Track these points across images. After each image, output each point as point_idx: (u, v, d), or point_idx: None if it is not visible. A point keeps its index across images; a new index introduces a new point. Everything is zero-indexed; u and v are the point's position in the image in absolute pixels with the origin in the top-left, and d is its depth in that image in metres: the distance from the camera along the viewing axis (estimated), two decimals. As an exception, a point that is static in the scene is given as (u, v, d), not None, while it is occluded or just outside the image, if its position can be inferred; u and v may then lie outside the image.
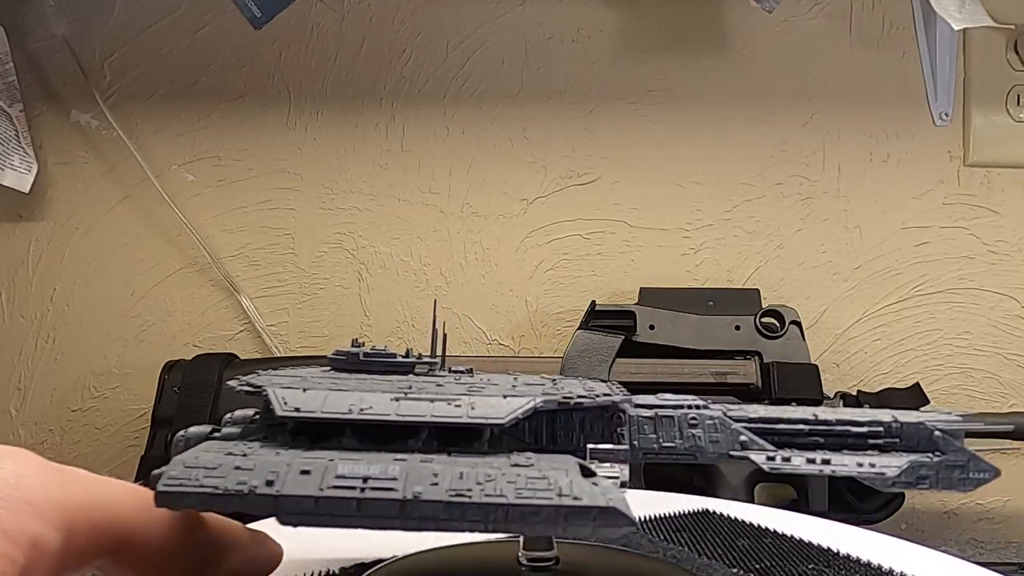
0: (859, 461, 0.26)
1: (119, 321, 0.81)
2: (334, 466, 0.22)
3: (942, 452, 0.27)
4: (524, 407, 0.24)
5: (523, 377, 0.30)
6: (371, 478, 0.22)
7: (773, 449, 0.27)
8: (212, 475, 0.23)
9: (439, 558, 0.32)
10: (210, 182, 0.81)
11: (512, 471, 0.22)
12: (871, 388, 0.74)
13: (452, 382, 0.28)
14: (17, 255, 0.81)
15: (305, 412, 0.25)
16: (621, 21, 0.81)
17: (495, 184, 0.81)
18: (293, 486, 0.22)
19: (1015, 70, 0.80)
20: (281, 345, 0.80)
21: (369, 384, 0.27)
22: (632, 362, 0.68)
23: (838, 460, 0.26)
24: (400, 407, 0.25)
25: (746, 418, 0.27)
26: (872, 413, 0.28)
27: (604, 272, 0.80)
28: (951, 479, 0.27)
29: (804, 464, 0.26)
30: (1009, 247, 0.79)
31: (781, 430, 0.27)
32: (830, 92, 0.81)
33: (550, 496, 0.20)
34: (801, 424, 0.27)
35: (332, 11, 0.82)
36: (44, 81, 0.81)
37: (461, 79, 0.81)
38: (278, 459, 0.23)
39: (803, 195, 0.81)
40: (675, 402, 0.28)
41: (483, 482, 0.21)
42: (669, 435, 0.28)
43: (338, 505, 0.22)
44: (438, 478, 0.22)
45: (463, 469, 0.22)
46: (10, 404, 0.80)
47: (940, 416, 0.27)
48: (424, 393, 0.26)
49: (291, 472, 0.22)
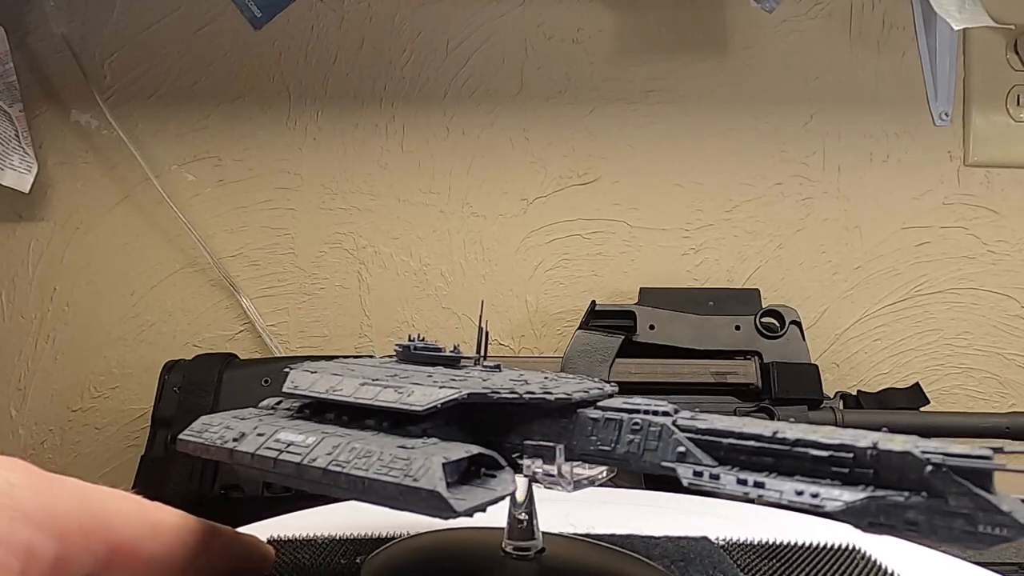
0: (800, 489, 0.22)
1: (119, 321, 0.81)
2: (277, 433, 0.27)
3: (940, 494, 0.21)
4: (446, 397, 0.26)
5: (529, 374, 0.32)
6: (293, 444, 0.27)
7: (711, 464, 0.24)
8: (209, 431, 0.29)
9: (427, 542, 0.33)
10: (210, 182, 0.81)
11: (394, 451, 0.25)
12: (871, 388, 0.74)
13: (468, 375, 0.30)
14: (17, 255, 0.81)
15: (298, 391, 0.30)
16: (621, 21, 0.81)
17: (495, 184, 0.81)
18: (245, 444, 0.27)
19: (1015, 70, 0.80)
20: (281, 345, 0.80)
21: (385, 371, 0.30)
22: (632, 362, 0.68)
23: (774, 485, 0.22)
24: (358, 391, 0.29)
25: (695, 428, 0.25)
26: (851, 435, 0.22)
27: (604, 272, 0.80)
28: (952, 530, 0.21)
29: (732, 485, 0.23)
30: (1009, 247, 0.79)
31: (728, 445, 0.24)
32: (830, 92, 0.81)
33: (398, 476, 0.24)
34: (752, 440, 0.24)
35: (332, 11, 0.82)
36: (44, 81, 0.81)
37: (461, 79, 0.81)
38: (255, 425, 0.28)
39: (803, 195, 0.81)
40: (632, 406, 0.27)
41: (362, 457, 0.25)
42: (607, 439, 0.27)
43: (264, 461, 0.27)
44: (336, 451, 0.26)
45: (361, 445, 0.26)
46: (10, 404, 0.80)
47: (955, 450, 0.21)
48: (395, 381, 0.29)
49: (251, 434, 0.28)
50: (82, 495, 0.21)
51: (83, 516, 0.21)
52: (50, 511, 0.20)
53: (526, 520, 0.30)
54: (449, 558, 0.32)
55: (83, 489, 0.21)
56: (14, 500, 0.19)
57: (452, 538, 0.33)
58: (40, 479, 0.20)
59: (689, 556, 0.36)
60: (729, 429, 0.24)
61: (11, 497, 0.19)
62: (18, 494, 0.19)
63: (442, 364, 0.33)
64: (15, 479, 0.20)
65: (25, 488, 0.20)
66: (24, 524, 0.19)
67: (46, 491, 0.20)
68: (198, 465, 0.63)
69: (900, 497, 0.21)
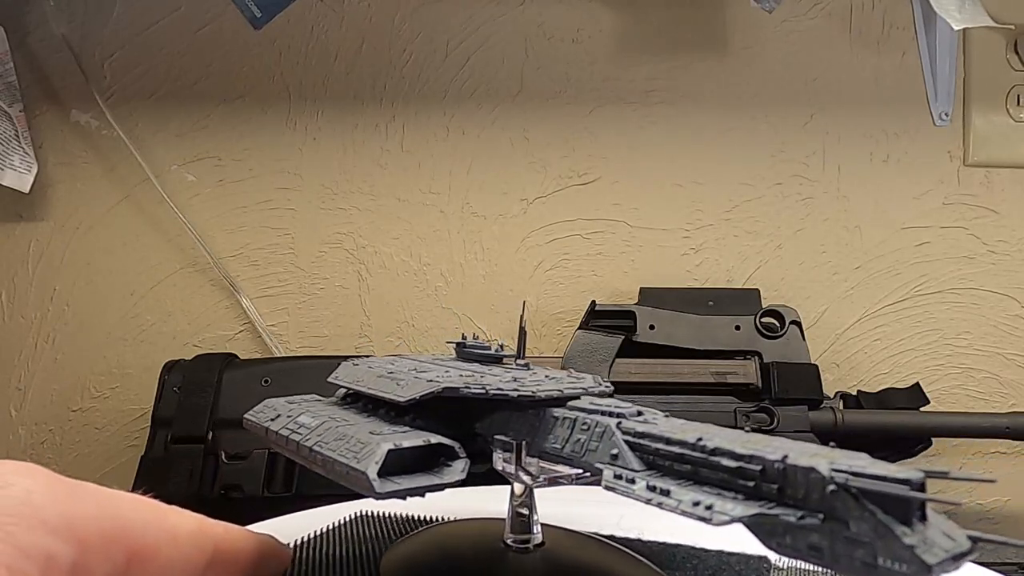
0: (698, 499, 0.21)
1: (119, 321, 0.80)
2: (299, 416, 0.32)
3: (842, 517, 0.19)
4: (423, 391, 0.29)
5: (547, 371, 0.34)
6: (302, 426, 0.31)
7: (635, 468, 0.24)
8: (263, 412, 0.34)
9: (440, 533, 0.36)
10: (210, 182, 0.81)
11: (365, 437, 0.27)
12: (871, 388, 0.74)
13: (490, 372, 0.33)
14: (17, 255, 0.81)
15: (336, 380, 0.34)
16: (621, 21, 0.81)
17: (495, 184, 0.81)
18: (275, 424, 0.32)
19: (1015, 70, 0.80)
20: (281, 345, 0.80)
21: (423, 367, 0.34)
22: (632, 362, 0.68)
23: (678, 494, 0.22)
24: (373, 383, 0.32)
25: (634, 431, 0.25)
26: (771, 447, 0.21)
27: (604, 272, 0.80)
28: (853, 560, 0.18)
29: (643, 491, 0.23)
30: (1009, 247, 0.79)
31: (656, 449, 0.24)
32: (830, 92, 0.81)
33: (350, 458, 0.26)
34: (676, 447, 0.23)
35: (332, 11, 0.82)
36: (44, 81, 0.81)
37: (461, 79, 0.81)
38: (293, 408, 0.33)
39: (803, 195, 0.81)
40: (593, 407, 0.28)
41: (338, 440, 0.28)
42: (560, 437, 0.28)
43: (279, 439, 0.31)
44: (325, 434, 0.29)
45: (347, 431, 0.29)
46: (10, 404, 0.80)
47: (873, 470, 0.18)
48: (411, 375, 0.31)
49: (284, 416, 0.32)
50: (101, 501, 0.21)
51: (102, 522, 0.20)
52: (69, 518, 0.20)
53: (526, 514, 0.32)
54: (454, 547, 0.34)
55: (101, 495, 0.21)
56: (33, 508, 0.19)
57: (463, 529, 0.36)
58: (59, 485, 0.20)
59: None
60: (663, 434, 0.24)
61: (30, 505, 0.19)
62: (37, 501, 0.19)
63: (487, 362, 0.35)
64: (34, 486, 0.20)
65: (44, 495, 0.20)
66: (43, 531, 0.19)
67: (65, 498, 0.20)
68: (198, 465, 0.63)
69: (792, 516, 0.19)
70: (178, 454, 0.64)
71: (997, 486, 0.78)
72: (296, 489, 0.63)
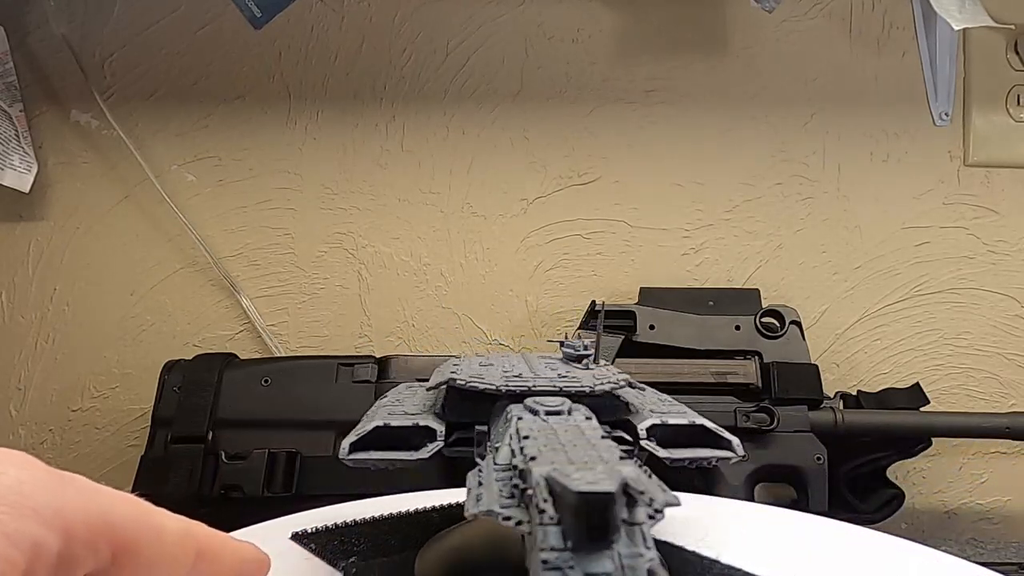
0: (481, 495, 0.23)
1: (119, 321, 0.80)
2: (389, 409, 0.34)
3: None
4: (438, 382, 0.33)
5: (597, 368, 0.36)
6: (384, 417, 0.32)
7: (499, 464, 0.25)
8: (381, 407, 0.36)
9: (472, 529, 0.36)
10: (210, 182, 0.81)
11: (378, 413, 0.32)
12: (871, 388, 0.74)
13: (553, 369, 0.35)
14: (17, 255, 0.81)
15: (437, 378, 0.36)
16: (621, 21, 0.81)
17: (495, 184, 0.81)
18: (368, 416, 0.34)
19: (1015, 70, 0.80)
20: (281, 345, 0.80)
21: (506, 363, 0.37)
22: (632, 362, 0.68)
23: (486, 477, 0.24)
24: (438, 376, 0.35)
25: (520, 433, 0.26)
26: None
27: (604, 272, 0.80)
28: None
29: (472, 476, 0.25)
30: (1009, 247, 0.79)
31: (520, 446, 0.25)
32: (830, 92, 0.81)
33: (353, 437, 0.31)
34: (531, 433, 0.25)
35: (332, 11, 0.82)
36: (44, 81, 0.81)
37: (461, 79, 0.81)
38: (391, 404, 0.36)
39: (803, 195, 0.81)
40: (535, 404, 0.29)
41: (375, 410, 0.33)
42: (498, 430, 0.29)
43: (366, 428, 0.32)
44: (379, 412, 0.33)
45: (392, 408, 0.33)
46: (10, 404, 0.80)
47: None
48: (477, 368, 0.35)
49: (380, 409, 0.35)
50: (89, 494, 0.21)
51: (90, 516, 0.21)
52: (58, 509, 0.20)
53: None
54: (483, 538, 0.35)
55: (90, 488, 0.21)
56: (23, 496, 0.19)
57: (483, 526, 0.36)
58: (49, 476, 0.20)
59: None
60: (536, 430, 0.25)
61: (20, 493, 0.19)
62: (27, 490, 0.19)
63: (571, 360, 0.38)
64: (25, 476, 0.20)
65: (34, 485, 0.20)
66: (33, 520, 0.19)
67: (55, 489, 0.20)
68: (198, 465, 0.63)
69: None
70: (178, 454, 0.64)
71: (997, 486, 0.78)
72: (296, 489, 0.63)
